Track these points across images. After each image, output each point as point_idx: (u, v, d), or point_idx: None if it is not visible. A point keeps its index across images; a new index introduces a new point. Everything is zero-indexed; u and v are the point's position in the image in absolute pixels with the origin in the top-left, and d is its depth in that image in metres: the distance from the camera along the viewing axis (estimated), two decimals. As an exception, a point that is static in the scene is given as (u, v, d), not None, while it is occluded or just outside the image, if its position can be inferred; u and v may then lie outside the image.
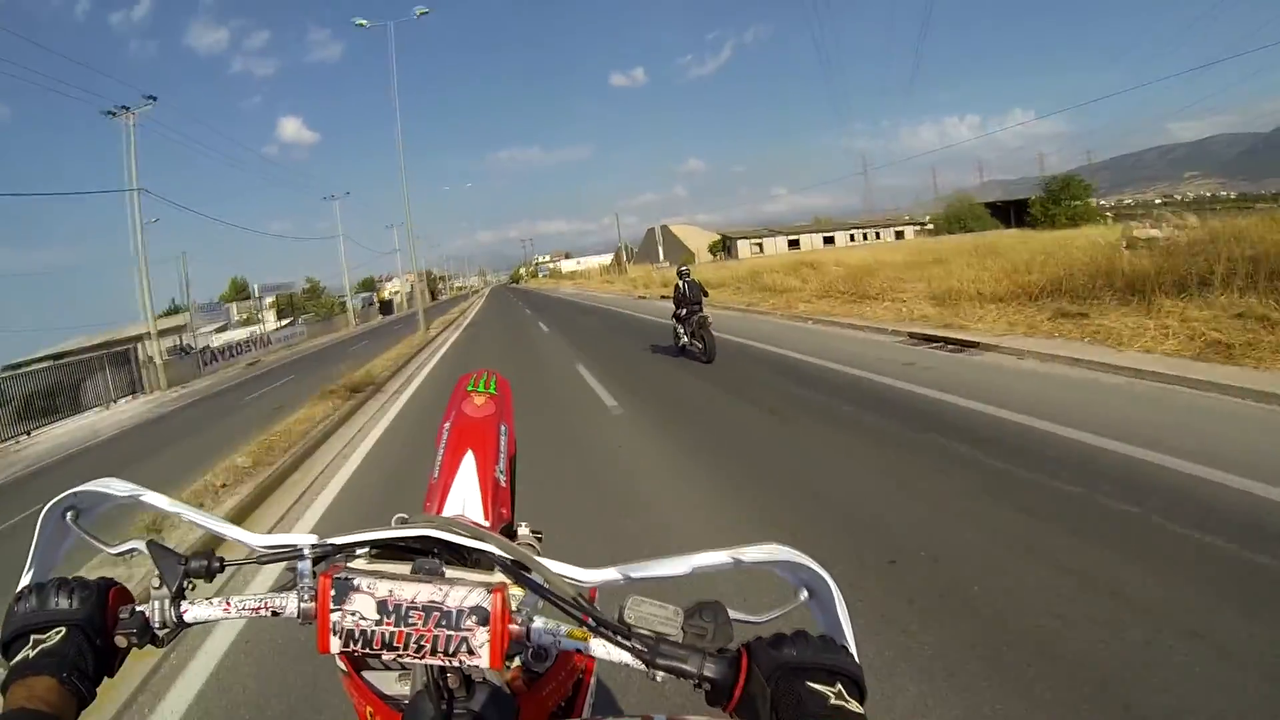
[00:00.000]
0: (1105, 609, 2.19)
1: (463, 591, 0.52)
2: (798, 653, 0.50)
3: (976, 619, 2.23)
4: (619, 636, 0.53)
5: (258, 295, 47.62)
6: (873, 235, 60.91)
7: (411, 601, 0.51)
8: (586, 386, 7.70)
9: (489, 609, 0.51)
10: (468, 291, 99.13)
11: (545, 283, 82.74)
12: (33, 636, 0.54)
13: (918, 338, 8.24)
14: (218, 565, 0.61)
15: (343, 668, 0.71)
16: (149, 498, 0.65)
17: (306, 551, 0.59)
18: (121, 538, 0.66)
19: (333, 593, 0.52)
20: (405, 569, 0.56)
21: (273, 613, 0.59)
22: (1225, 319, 5.87)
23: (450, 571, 0.56)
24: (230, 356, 24.54)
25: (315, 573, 0.59)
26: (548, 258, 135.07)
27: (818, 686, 0.48)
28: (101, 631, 0.56)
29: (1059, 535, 2.74)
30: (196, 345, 24.68)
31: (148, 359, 18.40)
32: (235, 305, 49.77)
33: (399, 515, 0.61)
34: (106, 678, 0.57)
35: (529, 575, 0.57)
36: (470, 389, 0.95)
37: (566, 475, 4.42)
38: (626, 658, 0.54)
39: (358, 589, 0.52)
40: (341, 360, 13.56)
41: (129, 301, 19.08)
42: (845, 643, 0.54)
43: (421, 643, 0.51)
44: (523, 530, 0.84)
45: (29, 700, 0.50)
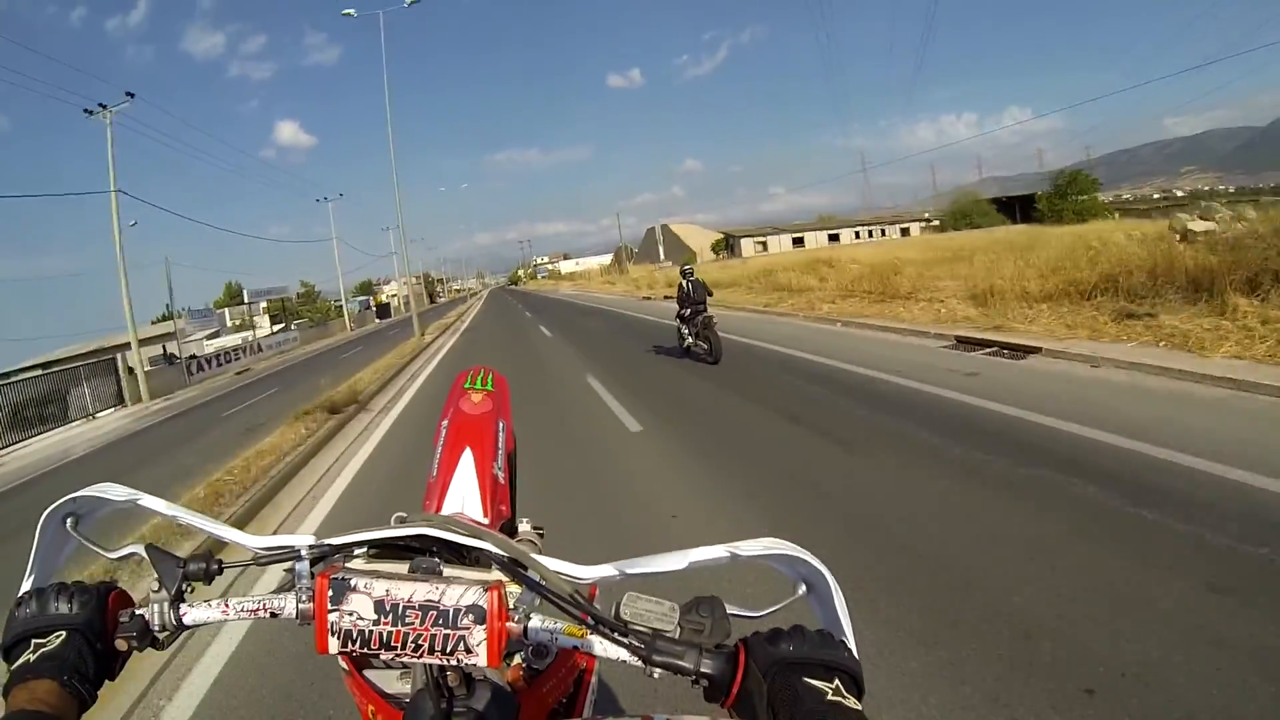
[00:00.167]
0: None
1: (459, 590, 0.50)
2: (795, 648, 0.50)
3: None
4: (615, 633, 0.53)
5: (248, 301, 46.60)
6: (878, 232, 60.23)
7: (408, 601, 0.50)
8: (607, 409, 6.65)
9: (485, 607, 0.50)
10: (466, 294, 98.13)
11: (544, 284, 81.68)
12: (33, 641, 0.54)
13: (966, 342, 7.42)
14: (216, 568, 0.61)
15: (344, 667, 0.71)
16: (147, 502, 0.64)
17: (304, 553, 0.59)
18: (120, 542, 0.66)
19: (330, 593, 0.51)
20: (403, 568, 0.56)
21: (271, 614, 0.59)
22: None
23: (448, 570, 0.56)
24: (220, 364, 23.59)
25: (313, 574, 0.58)
26: (546, 259, 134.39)
27: (815, 682, 0.48)
28: (101, 635, 0.56)
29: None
30: (183, 353, 23.59)
31: (129, 369, 17.45)
32: (229, 311, 48.86)
33: (398, 514, 0.60)
34: (107, 680, 0.57)
35: (525, 572, 0.56)
36: (468, 386, 0.95)
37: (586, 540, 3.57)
38: (623, 654, 0.53)
39: (355, 589, 0.51)
40: (332, 368, 12.79)
41: (120, 308, 18.24)
42: (844, 638, 0.53)
43: (419, 642, 0.50)
44: (524, 527, 0.83)
45: (30, 703, 0.50)
